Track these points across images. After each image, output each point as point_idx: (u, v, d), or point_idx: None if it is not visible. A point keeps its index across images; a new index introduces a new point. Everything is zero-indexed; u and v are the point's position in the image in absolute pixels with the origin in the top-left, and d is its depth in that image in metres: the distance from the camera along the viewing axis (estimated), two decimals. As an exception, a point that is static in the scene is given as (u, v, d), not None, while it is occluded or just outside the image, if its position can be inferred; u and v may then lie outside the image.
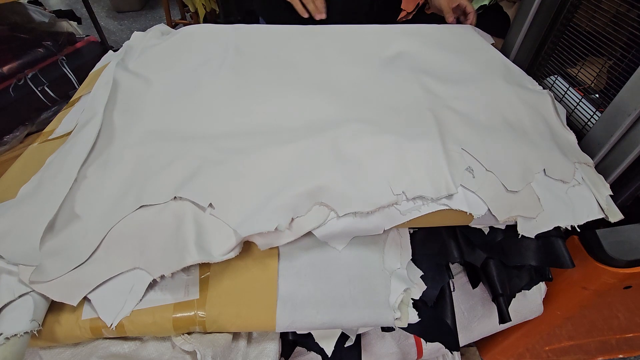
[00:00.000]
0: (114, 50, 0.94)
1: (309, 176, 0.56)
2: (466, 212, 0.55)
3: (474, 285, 0.74)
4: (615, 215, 0.60)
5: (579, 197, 0.61)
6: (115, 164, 0.61)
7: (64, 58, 1.50)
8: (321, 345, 0.62)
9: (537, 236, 0.66)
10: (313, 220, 0.53)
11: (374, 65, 0.82)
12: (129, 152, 0.62)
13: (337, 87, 0.75)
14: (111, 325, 0.51)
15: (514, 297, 0.69)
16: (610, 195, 0.62)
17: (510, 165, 0.60)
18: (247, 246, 0.57)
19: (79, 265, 0.51)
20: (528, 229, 0.59)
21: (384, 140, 0.61)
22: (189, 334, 0.56)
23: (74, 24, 1.70)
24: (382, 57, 0.84)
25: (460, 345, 0.75)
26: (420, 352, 0.80)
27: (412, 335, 0.79)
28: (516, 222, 0.59)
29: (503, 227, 0.64)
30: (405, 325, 0.57)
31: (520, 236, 0.59)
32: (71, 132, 0.70)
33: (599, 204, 0.61)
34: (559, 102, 0.79)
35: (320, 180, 0.55)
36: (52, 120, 0.78)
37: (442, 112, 0.68)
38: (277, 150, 0.60)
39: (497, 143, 0.62)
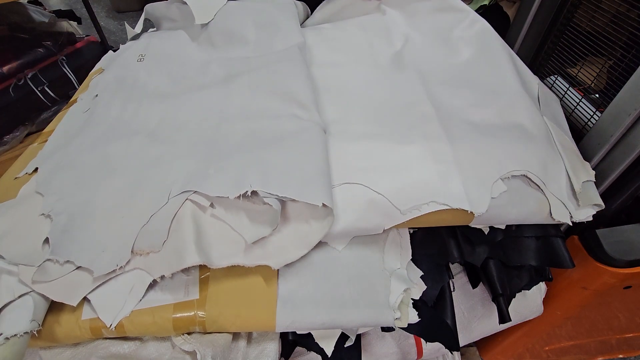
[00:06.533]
0: (114, 50, 0.95)
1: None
2: (467, 211, 0.55)
3: (474, 285, 0.74)
4: (588, 200, 0.60)
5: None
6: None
7: (64, 58, 1.50)
8: (321, 345, 0.62)
9: (537, 236, 0.66)
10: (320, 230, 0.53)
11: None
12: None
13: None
14: (111, 325, 0.51)
15: (514, 297, 0.69)
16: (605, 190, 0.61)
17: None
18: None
19: (80, 266, 0.51)
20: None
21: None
22: (189, 334, 0.56)
23: (74, 24, 1.70)
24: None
25: (460, 345, 0.75)
26: (420, 352, 0.80)
27: (412, 335, 0.79)
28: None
29: (503, 227, 0.64)
30: (405, 325, 0.57)
31: (520, 236, 0.59)
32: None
33: (573, 188, 0.60)
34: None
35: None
36: (52, 120, 0.78)
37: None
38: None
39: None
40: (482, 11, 1.03)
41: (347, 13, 0.97)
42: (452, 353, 0.96)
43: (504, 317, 0.65)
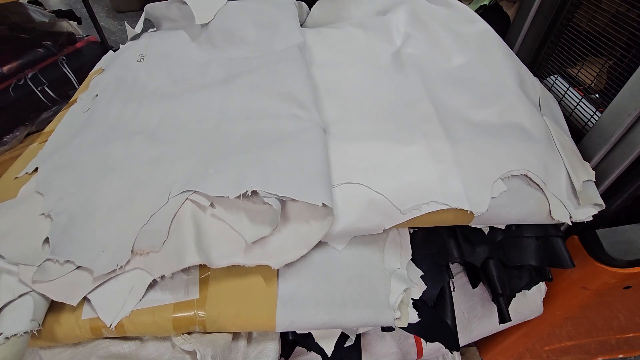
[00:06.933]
0: (114, 50, 0.95)
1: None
2: (467, 211, 0.55)
3: (474, 285, 0.74)
4: (588, 199, 0.60)
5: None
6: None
7: (64, 58, 1.50)
8: (321, 345, 0.62)
9: (537, 236, 0.66)
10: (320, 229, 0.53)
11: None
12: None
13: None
14: (111, 325, 0.51)
15: (514, 297, 0.69)
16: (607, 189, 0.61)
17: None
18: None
19: (80, 266, 0.51)
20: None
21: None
22: (189, 333, 0.56)
23: (74, 24, 1.69)
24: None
25: (460, 345, 0.75)
26: (420, 352, 0.80)
27: (412, 335, 0.79)
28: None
29: (503, 227, 0.64)
30: (405, 325, 0.57)
31: (520, 236, 0.59)
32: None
33: (574, 187, 0.60)
34: (559, 102, 0.79)
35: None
36: (52, 120, 0.78)
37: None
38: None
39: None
40: (482, 11, 1.03)
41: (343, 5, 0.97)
42: (452, 353, 0.96)
43: (504, 317, 0.65)
